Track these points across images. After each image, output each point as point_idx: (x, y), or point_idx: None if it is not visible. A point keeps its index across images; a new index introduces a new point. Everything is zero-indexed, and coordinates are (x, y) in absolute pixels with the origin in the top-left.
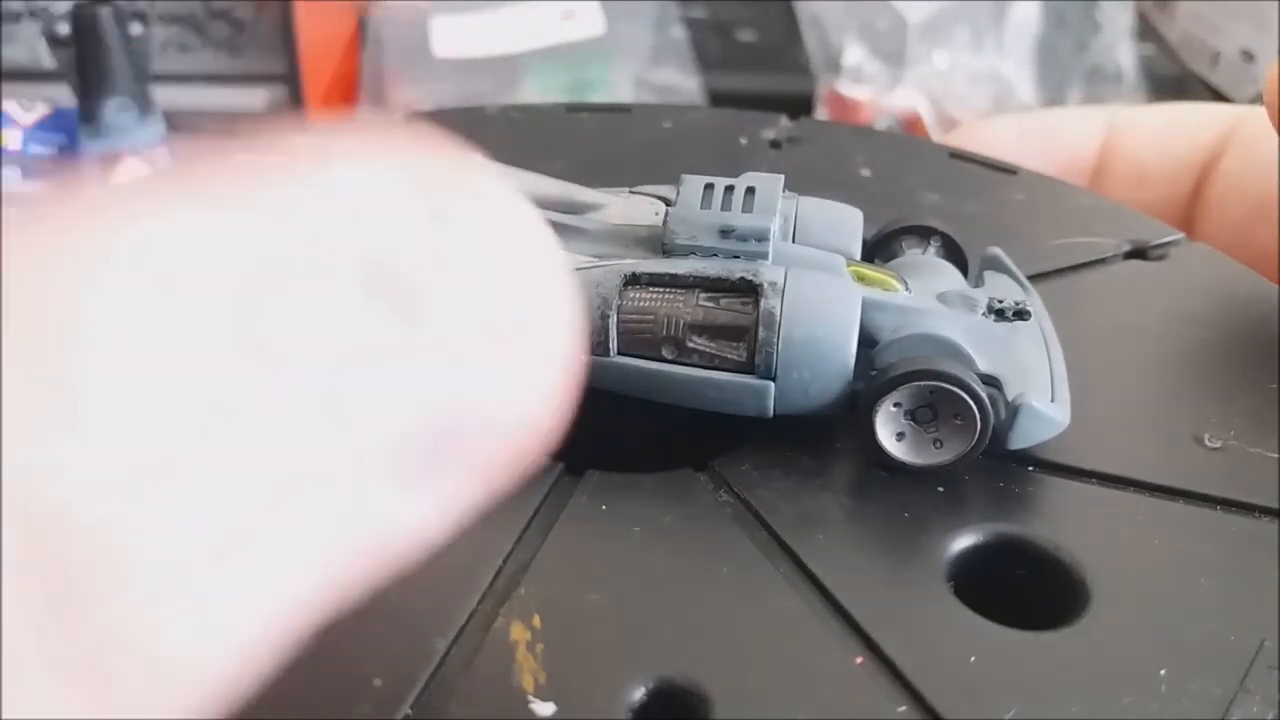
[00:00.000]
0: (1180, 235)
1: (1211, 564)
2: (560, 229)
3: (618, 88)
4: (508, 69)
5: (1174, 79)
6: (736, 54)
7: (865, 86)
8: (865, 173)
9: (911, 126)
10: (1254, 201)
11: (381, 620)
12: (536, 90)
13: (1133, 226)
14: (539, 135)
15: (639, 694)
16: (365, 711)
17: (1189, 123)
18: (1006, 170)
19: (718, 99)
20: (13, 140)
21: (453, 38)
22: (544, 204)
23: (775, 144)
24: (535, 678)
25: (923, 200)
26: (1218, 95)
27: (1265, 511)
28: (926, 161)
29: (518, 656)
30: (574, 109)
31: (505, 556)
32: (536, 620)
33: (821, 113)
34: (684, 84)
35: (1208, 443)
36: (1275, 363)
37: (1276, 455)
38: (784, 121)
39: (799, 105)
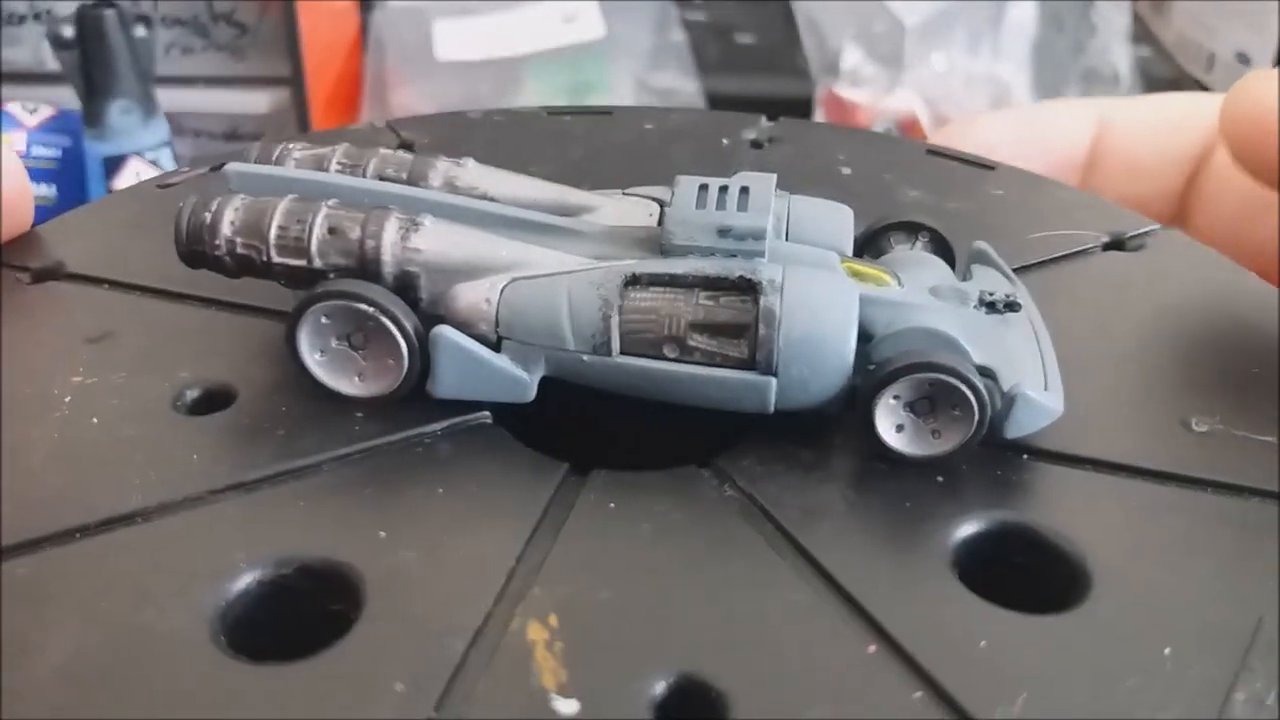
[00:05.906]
0: (1156, 225)
1: (1205, 545)
2: (556, 231)
3: (618, 90)
4: (509, 71)
5: (1170, 81)
6: (736, 57)
7: (863, 89)
8: (846, 171)
9: (909, 128)
10: (1248, 194)
11: (398, 627)
12: (537, 92)
13: (1110, 218)
14: (522, 139)
15: (660, 688)
16: (388, 716)
17: (1182, 115)
18: (984, 166)
19: (717, 101)
20: (17, 142)
21: (455, 40)
22: (537, 206)
23: (756, 144)
24: (556, 676)
25: (904, 197)
26: None
27: (1254, 493)
28: (905, 159)
29: (537, 656)
30: (555, 112)
31: (517, 557)
32: (553, 619)
33: (820, 115)
34: (684, 86)
35: (1194, 427)
36: (1252, 346)
37: (1261, 437)
38: (764, 122)
39: (797, 108)
